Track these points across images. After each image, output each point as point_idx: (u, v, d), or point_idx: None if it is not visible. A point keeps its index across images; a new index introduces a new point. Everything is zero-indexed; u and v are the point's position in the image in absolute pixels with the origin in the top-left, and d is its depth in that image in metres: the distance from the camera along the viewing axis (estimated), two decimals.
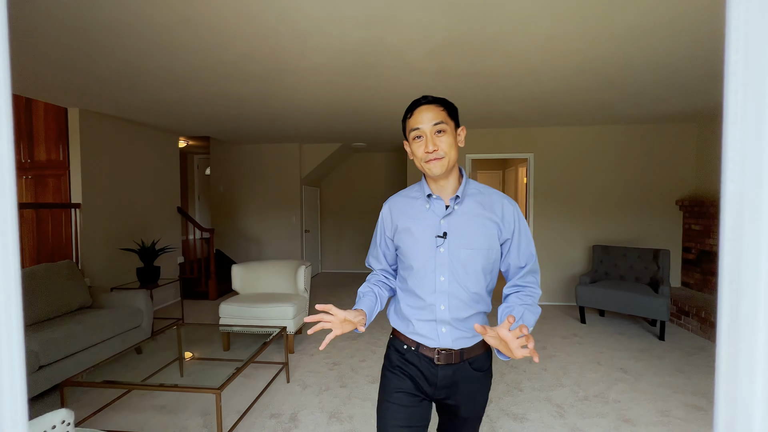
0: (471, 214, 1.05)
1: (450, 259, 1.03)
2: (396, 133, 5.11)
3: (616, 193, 4.62)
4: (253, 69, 2.60)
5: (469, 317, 1.05)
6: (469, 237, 1.03)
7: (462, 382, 1.07)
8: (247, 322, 3.22)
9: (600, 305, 3.83)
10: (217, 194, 6.19)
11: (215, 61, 2.47)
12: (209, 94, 3.17)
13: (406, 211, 1.11)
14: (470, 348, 1.06)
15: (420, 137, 1.01)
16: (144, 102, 3.47)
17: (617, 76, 2.79)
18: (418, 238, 1.06)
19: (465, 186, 1.07)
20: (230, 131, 4.92)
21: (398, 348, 1.12)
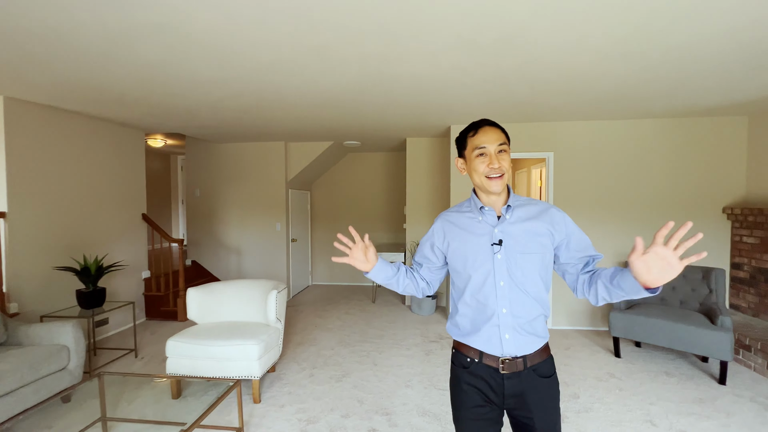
0: (523, 222, 1.14)
1: (508, 264, 1.12)
2: (394, 130, 4.44)
3: (652, 198, 3.93)
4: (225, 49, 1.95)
5: (531, 321, 1.12)
6: (523, 243, 1.13)
7: (529, 392, 1.11)
8: (200, 364, 2.54)
9: (640, 337, 3.13)
10: (193, 199, 5.53)
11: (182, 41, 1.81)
12: (177, 81, 2.52)
13: (460, 224, 1.20)
14: (533, 354, 1.13)
15: (484, 154, 1.13)
16: (95, 90, 2.82)
17: (661, 61, 2.12)
18: (474, 248, 1.15)
19: (514, 199, 1.18)
20: (206, 128, 4.26)
21: (462, 362, 1.18)
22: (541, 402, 1.12)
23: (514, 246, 1.12)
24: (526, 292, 1.12)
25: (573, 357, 3.32)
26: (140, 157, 4.44)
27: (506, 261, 1.12)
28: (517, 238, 1.13)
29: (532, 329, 1.13)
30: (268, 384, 2.84)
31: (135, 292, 4.33)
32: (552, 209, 1.18)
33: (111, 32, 1.89)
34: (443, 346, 3.57)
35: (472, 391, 1.15)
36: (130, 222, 4.28)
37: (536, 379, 1.12)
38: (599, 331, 4.00)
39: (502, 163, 1.12)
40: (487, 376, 1.13)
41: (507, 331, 1.11)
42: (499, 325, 1.12)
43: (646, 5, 1.66)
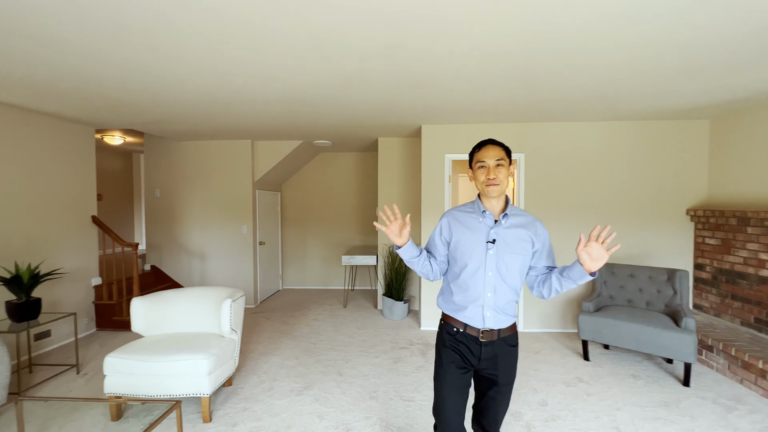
0: (514, 229, 1.45)
1: (497, 259, 1.43)
2: (366, 129, 4.30)
3: (619, 201, 3.95)
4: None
5: (507, 304, 1.45)
6: (512, 245, 1.44)
7: (500, 356, 1.46)
8: (142, 382, 2.31)
9: (608, 340, 3.11)
10: (152, 200, 5.20)
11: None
12: (117, 72, 2.27)
13: (463, 221, 1.50)
14: (505, 329, 1.46)
15: (484, 167, 1.44)
16: (30, 79, 2.52)
17: (636, 59, 2.08)
18: (473, 243, 1.45)
19: (511, 209, 1.48)
20: (161, 124, 3.99)
21: (449, 330, 1.51)
22: (506, 363, 1.48)
23: (504, 246, 1.44)
24: (506, 282, 1.44)
25: (543, 361, 3.27)
26: (90, 155, 4.11)
27: (496, 257, 1.43)
28: (508, 240, 1.44)
29: (507, 310, 1.46)
30: (222, 400, 2.63)
31: (83, 301, 4.00)
32: (537, 222, 1.50)
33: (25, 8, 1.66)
34: (413, 353, 3.45)
35: (454, 351, 1.49)
36: (78, 225, 3.95)
37: (505, 347, 1.48)
38: (569, 333, 3.98)
39: (497, 174, 1.42)
40: (468, 342, 1.47)
41: (489, 310, 1.44)
42: (483, 305, 1.44)
43: (611, 10, 1.59)
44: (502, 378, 1.47)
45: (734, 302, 3.42)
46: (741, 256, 3.35)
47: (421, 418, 2.42)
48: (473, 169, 1.49)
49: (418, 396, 2.69)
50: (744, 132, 3.47)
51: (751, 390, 2.73)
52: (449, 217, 1.54)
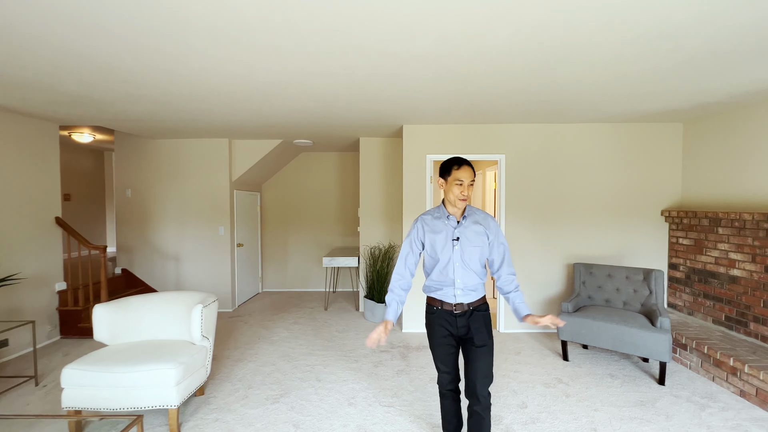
0: (472, 227, 1.84)
1: (461, 253, 1.82)
2: (346, 128, 4.22)
3: (597, 202, 4.01)
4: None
5: (472, 285, 1.83)
6: (472, 239, 1.83)
7: (473, 321, 1.84)
8: (104, 395, 2.17)
9: (587, 340, 3.13)
10: (123, 200, 4.98)
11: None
12: (89, 60, 2.12)
13: (432, 225, 1.88)
14: (474, 302, 1.85)
15: (461, 184, 1.78)
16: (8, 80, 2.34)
17: (615, 61, 2.08)
18: (442, 242, 1.84)
19: (468, 210, 1.87)
20: (132, 121, 3.80)
21: (430, 310, 1.93)
22: (478, 326, 1.84)
23: (466, 242, 1.82)
24: (471, 269, 1.83)
25: (523, 362, 3.27)
26: (53, 152, 3.89)
27: (461, 251, 1.82)
28: (468, 236, 1.83)
29: (474, 289, 1.85)
30: (193, 410, 2.51)
31: (46, 307, 3.77)
32: (489, 218, 1.90)
33: None
34: (393, 357, 3.39)
35: (439, 326, 1.88)
36: (41, 227, 3.73)
37: (476, 314, 1.85)
38: (550, 333, 4.01)
39: (469, 192, 1.80)
40: (446, 316, 1.86)
41: (458, 290, 1.83)
42: (454, 287, 1.83)
43: (587, 15, 1.57)
44: (478, 340, 1.82)
45: (706, 301, 3.50)
46: (712, 255, 3.43)
47: (400, 424, 2.36)
48: (448, 181, 1.82)
49: (397, 401, 2.63)
50: (715, 135, 3.56)
51: (723, 387, 2.79)
52: (421, 222, 1.92)
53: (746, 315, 3.11)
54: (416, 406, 2.57)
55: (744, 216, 3.03)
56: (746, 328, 3.11)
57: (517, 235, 4.03)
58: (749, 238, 3.08)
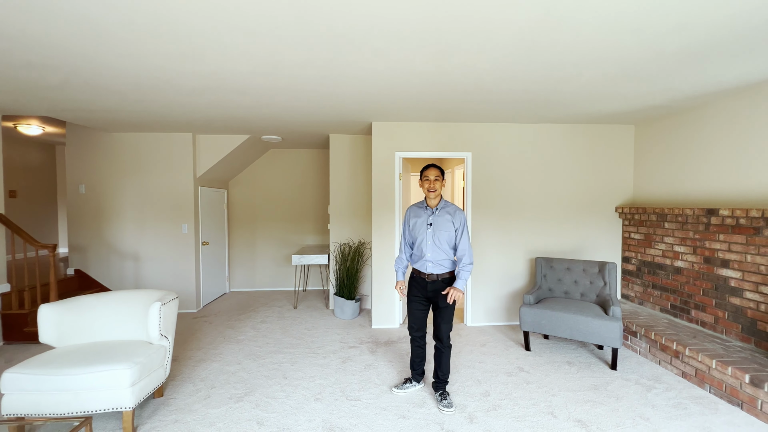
0: (443, 216, 2.48)
1: (433, 235, 2.46)
2: (315, 125, 4.19)
3: (556, 199, 4.20)
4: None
5: (440, 260, 2.47)
6: (441, 225, 2.46)
7: (439, 289, 2.47)
8: (49, 400, 2.04)
9: (547, 330, 3.28)
10: (76, 196, 4.69)
11: None
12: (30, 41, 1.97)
13: (416, 212, 2.58)
14: (442, 274, 2.48)
15: (428, 179, 2.48)
16: None
17: (568, 62, 2.20)
18: (421, 225, 2.51)
19: (441, 203, 2.53)
20: (83, 111, 3.59)
21: (413, 275, 2.59)
22: (443, 294, 2.42)
23: (436, 227, 2.47)
24: (439, 248, 2.46)
25: (488, 354, 3.37)
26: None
27: (432, 233, 2.47)
28: (439, 222, 2.47)
29: (441, 264, 2.47)
30: (151, 412, 2.41)
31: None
32: (459, 212, 2.50)
33: None
34: (362, 352, 3.40)
35: (414, 287, 2.56)
36: None
37: (441, 284, 2.48)
38: (514, 325, 4.16)
39: (435, 186, 2.47)
40: (421, 282, 2.52)
41: (429, 263, 2.48)
42: (425, 261, 2.48)
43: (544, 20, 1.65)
44: (441, 302, 2.47)
45: (655, 291, 3.76)
46: (660, 248, 3.69)
47: (367, 417, 2.37)
48: (421, 180, 2.52)
49: (364, 395, 2.64)
50: (663, 136, 3.82)
51: (667, 370, 3.01)
52: (409, 210, 2.64)
53: (688, 303, 3.37)
54: (383, 399, 2.59)
55: (686, 211, 3.28)
56: (688, 315, 3.37)
57: (483, 230, 4.15)
58: (691, 231, 3.34)
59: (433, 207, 2.51)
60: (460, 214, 2.47)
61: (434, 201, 2.50)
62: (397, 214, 4.13)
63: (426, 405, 2.51)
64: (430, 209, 2.51)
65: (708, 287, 3.18)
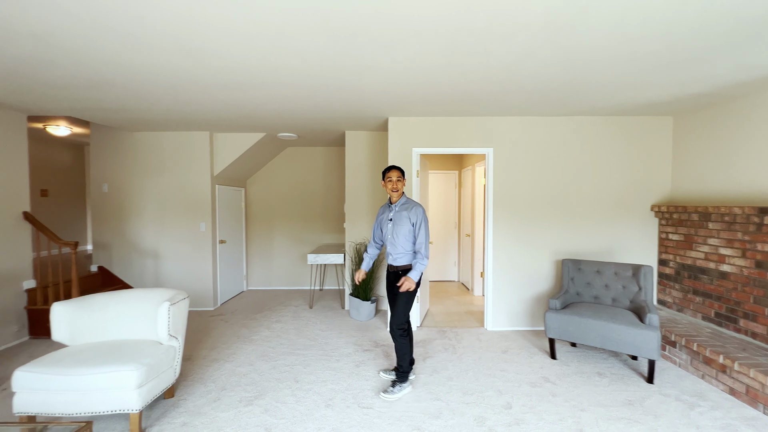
0: (401, 212, 2.68)
1: (392, 229, 2.68)
2: (331, 121, 4.10)
3: (586, 197, 3.92)
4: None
5: (399, 254, 2.68)
6: (399, 221, 2.66)
7: (398, 279, 2.67)
8: (57, 400, 2.02)
9: (575, 338, 3.04)
10: (99, 195, 4.79)
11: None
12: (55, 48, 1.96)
13: (383, 210, 2.84)
14: (401, 266, 2.69)
15: (390, 180, 2.70)
16: None
17: (590, 48, 1.98)
18: (385, 221, 2.77)
19: (401, 201, 2.73)
20: (105, 111, 3.63)
21: (388, 268, 2.81)
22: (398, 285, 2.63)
23: (396, 222, 2.69)
24: (398, 242, 2.67)
25: (510, 361, 3.17)
26: (21, 143, 3.71)
27: (392, 228, 2.69)
28: (397, 218, 2.69)
29: (400, 257, 2.68)
30: (159, 414, 2.37)
31: (13, 306, 3.60)
32: (417, 209, 2.67)
33: None
34: (377, 356, 3.28)
35: (387, 279, 2.82)
36: (6, 222, 3.55)
37: (399, 275, 2.70)
38: (538, 331, 3.92)
39: (398, 186, 2.70)
40: (389, 273, 2.79)
41: (390, 255, 2.72)
42: (388, 253, 2.73)
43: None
44: (397, 291, 2.64)
45: (696, 297, 3.44)
46: (702, 251, 3.36)
47: (379, 427, 2.24)
48: (385, 181, 2.73)
49: (377, 402, 2.51)
50: (705, 128, 3.49)
51: (712, 385, 2.72)
52: (380, 208, 2.89)
53: (736, 311, 3.05)
54: (396, 407, 2.45)
55: (734, 210, 2.96)
56: (736, 325, 3.05)
57: (504, 230, 3.93)
58: (739, 232, 3.02)
59: (395, 203, 2.73)
60: (417, 210, 2.64)
61: (396, 199, 2.72)
62: None
63: (443, 416, 2.36)
64: (392, 206, 2.74)
65: (760, 294, 2.86)
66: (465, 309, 4.73)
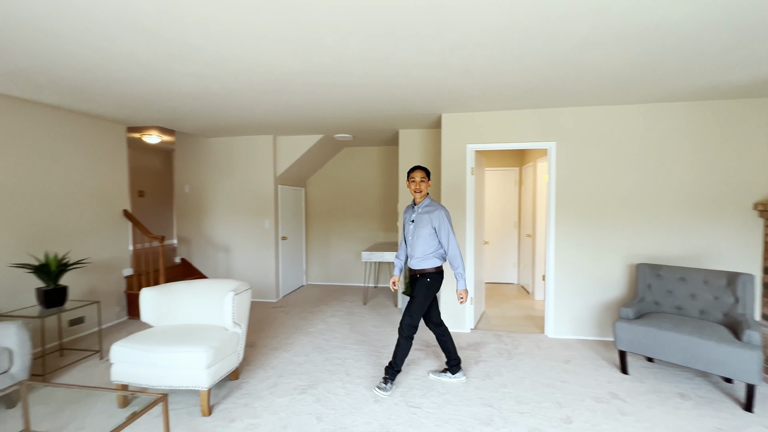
0: (423, 214, 2.63)
1: (414, 232, 2.65)
2: (385, 120, 4.15)
3: (669, 194, 3.46)
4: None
5: (419, 257, 2.63)
6: (421, 222, 2.62)
7: (415, 282, 2.67)
8: (144, 372, 2.33)
9: (650, 351, 2.71)
10: (182, 195, 5.40)
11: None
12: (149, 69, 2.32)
13: (407, 211, 2.78)
14: (420, 269, 2.65)
15: (414, 181, 2.65)
16: (64, 82, 2.67)
17: (671, 32, 1.72)
18: (407, 222, 2.74)
19: (425, 202, 2.67)
20: (183, 120, 4.10)
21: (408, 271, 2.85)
22: (416, 286, 2.64)
23: (417, 224, 2.65)
24: (418, 244, 2.63)
25: (572, 372, 2.93)
26: (121, 152, 4.32)
27: (413, 230, 2.66)
28: (419, 221, 2.65)
29: (420, 261, 2.64)
30: (226, 393, 2.60)
31: (115, 290, 4.21)
32: (437, 210, 2.62)
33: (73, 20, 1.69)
34: (427, 356, 3.24)
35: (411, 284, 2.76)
36: (110, 218, 4.17)
37: (418, 279, 2.66)
38: (606, 342, 3.57)
39: (420, 186, 2.65)
40: (412, 276, 2.71)
41: (411, 259, 2.69)
42: (411, 257, 2.69)
43: None
44: (413, 293, 2.64)
45: None
46: None
47: (426, 427, 2.22)
48: (408, 182, 2.69)
49: (426, 403, 2.49)
50: None
51: None
52: (405, 210, 2.83)
53: None
54: (445, 410, 2.40)
55: None
56: None
57: (568, 230, 3.64)
58: None
59: (417, 205, 2.69)
60: (439, 213, 2.58)
61: (419, 200, 2.68)
62: (468, 211, 3.86)
63: (493, 423, 2.26)
64: (415, 208, 2.70)
65: None
66: (524, 313, 4.48)
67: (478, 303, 4.16)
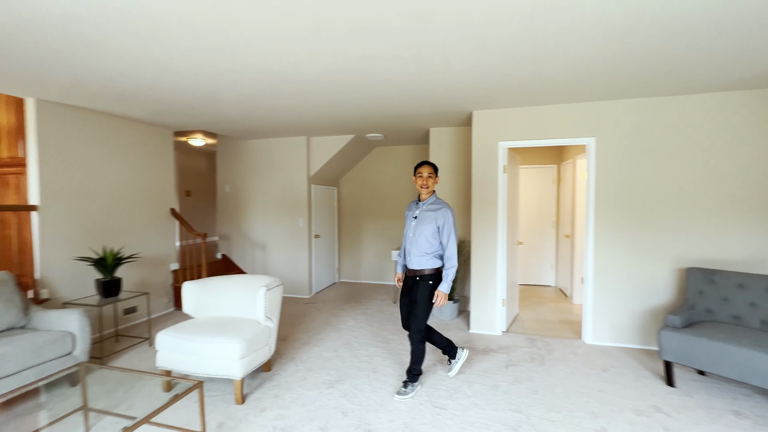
0: (427, 212, 2.56)
1: (415, 228, 2.56)
2: (415, 119, 4.14)
3: (722, 192, 3.16)
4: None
5: (418, 256, 2.55)
6: (424, 220, 2.54)
7: (416, 285, 2.58)
8: (185, 360, 2.50)
9: (700, 364, 2.49)
10: (223, 194, 5.71)
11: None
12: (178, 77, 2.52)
13: (410, 207, 2.70)
14: (419, 270, 2.55)
15: (421, 176, 2.58)
16: (120, 92, 2.94)
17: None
18: (408, 218, 2.65)
19: (430, 200, 2.60)
20: (224, 123, 4.33)
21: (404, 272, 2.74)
22: (417, 289, 2.57)
23: (420, 221, 2.57)
24: (418, 242, 2.55)
25: (610, 381, 2.76)
26: (168, 154, 4.64)
27: (415, 227, 2.58)
28: (422, 217, 2.58)
29: (418, 260, 2.55)
30: (258, 384, 2.73)
31: (163, 283, 4.55)
32: (443, 208, 2.55)
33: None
34: None
35: (404, 283, 2.70)
36: (159, 217, 4.50)
37: (419, 281, 2.57)
38: (651, 351, 3.32)
39: (428, 182, 2.59)
40: (407, 278, 2.67)
41: (410, 257, 2.61)
42: (408, 255, 2.62)
43: None
44: (414, 297, 2.59)
45: None
46: None
47: (450, 429, 2.20)
48: (415, 177, 2.63)
49: (451, 404, 2.46)
50: None
51: None
52: (407, 208, 2.74)
53: None
54: (471, 413, 2.36)
55: None
56: None
57: (608, 231, 3.43)
58: None
59: (422, 201, 2.62)
60: (445, 212, 2.53)
61: (425, 197, 2.61)
62: (500, 210, 3.75)
63: (521, 430, 2.19)
64: (419, 204, 2.63)
65: None
66: (560, 317, 4.28)
67: (511, 305, 4.03)
